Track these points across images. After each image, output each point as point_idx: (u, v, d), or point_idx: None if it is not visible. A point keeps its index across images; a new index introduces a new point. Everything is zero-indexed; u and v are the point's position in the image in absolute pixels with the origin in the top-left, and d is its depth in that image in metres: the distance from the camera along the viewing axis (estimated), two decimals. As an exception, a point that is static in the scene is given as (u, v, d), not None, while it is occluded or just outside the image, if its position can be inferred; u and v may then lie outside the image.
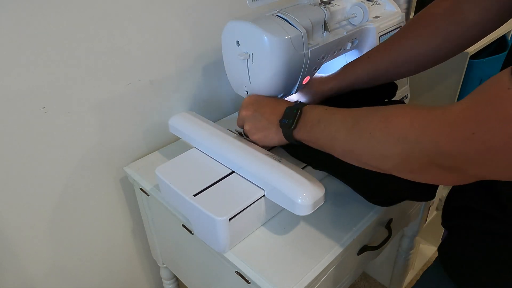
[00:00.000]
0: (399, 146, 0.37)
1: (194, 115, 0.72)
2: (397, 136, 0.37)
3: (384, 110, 0.41)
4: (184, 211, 0.60)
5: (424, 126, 0.35)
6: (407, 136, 0.36)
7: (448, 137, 0.33)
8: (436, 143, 0.34)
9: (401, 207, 0.74)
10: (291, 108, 0.54)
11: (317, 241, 0.58)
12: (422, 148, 0.35)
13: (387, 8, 0.78)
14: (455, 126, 0.32)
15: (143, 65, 0.74)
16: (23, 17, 0.57)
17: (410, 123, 0.36)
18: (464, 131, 0.31)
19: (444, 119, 0.34)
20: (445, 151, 0.33)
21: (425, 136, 0.35)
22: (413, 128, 0.36)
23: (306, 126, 0.51)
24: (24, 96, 0.61)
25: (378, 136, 0.40)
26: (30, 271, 0.75)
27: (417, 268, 1.35)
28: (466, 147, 0.32)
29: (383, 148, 0.39)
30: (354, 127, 0.44)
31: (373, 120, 0.41)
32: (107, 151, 0.76)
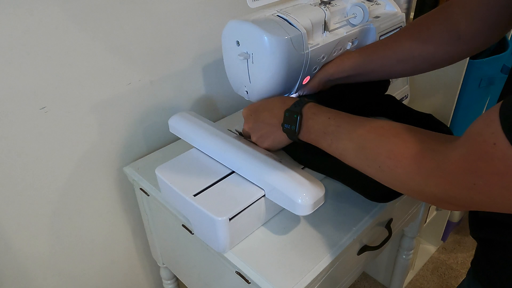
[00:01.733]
0: (408, 185, 0.40)
1: (194, 115, 0.72)
2: (405, 178, 0.40)
3: (392, 144, 0.42)
4: (184, 211, 0.60)
5: (430, 174, 0.37)
6: (416, 178, 0.39)
7: (453, 186, 0.35)
8: (442, 189, 0.36)
9: (401, 207, 0.74)
10: (291, 112, 0.53)
11: (317, 241, 0.58)
12: (431, 190, 0.38)
13: (387, 8, 0.78)
14: (457, 176, 0.34)
15: (143, 65, 0.74)
16: (23, 17, 0.57)
17: (417, 168, 0.38)
18: (466, 182, 0.34)
19: (445, 167, 0.35)
20: (452, 195, 0.36)
21: (431, 182, 0.37)
22: (419, 174, 0.38)
23: (310, 133, 0.52)
24: (24, 96, 0.61)
25: (387, 172, 0.42)
26: (30, 271, 0.74)
27: (417, 268, 1.35)
28: (471, 194, 0.34)
29: (393, 182, 0.42)
30: (362, 152, 0.45)
31: (381, 154, 0.42)
32: (107, 151, 0.76)
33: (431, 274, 1.34)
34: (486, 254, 0.49)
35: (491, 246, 0.48)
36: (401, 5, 1.03)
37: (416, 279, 1.32)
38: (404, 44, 0.60)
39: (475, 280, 0.51)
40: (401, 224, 0.81)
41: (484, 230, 0.49)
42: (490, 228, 0.48)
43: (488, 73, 0.98)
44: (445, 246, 1.43)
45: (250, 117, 0.60)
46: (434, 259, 1.39)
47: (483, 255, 0.50)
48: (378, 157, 0.43)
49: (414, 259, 1.32)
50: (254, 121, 0.59)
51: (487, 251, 0.49)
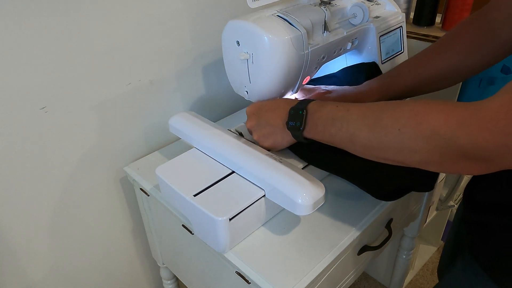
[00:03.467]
0: (432, 141, 0.38)
1: (194, 115, 0.72)
2: (430, 133, 0.38)
3: (414, 106, 0.40)
4: (184, 211, 0.60)
5: (461, 123, 0.36)
6: (441, 132, 0.37)
7: (489, 133, 0.34)
8: (474, 139, 0.35)
9: (401, 207, 0.74)
10: (295, 108, 0.53)
11: (317, 241, 0.58)
12: (457, 144, 0.36)
13: (387, 8, 0.78)
14: (496, 121, 0.33)
15: (143, 65, 0.74)
16: (23, 17, 0.57)
17: (444, 120, 0.37)
18: (506, 126, 0.33)
19: (482, 115, 0.34)
20: (482, 146, 0.34)
21: (462, 132, 0.35)
22: (448, 125, 0.36)
23: (317, 126, 0.51)
24: (24, 96, 0.61)
25: (408, 132, 0.40)
26: (30, 271, 0.74)
27: (417, 268, 1.35)
28: (509, 141, 0.33)
29: (414, 144, 0.40)
30: (378, 123, 0.43)
31: (402, 116, 0.41)
32: (107, 151, 0.76)
33: (431, 274, 1.34)
34: (485, 237, 0.50)
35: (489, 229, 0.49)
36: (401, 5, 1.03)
37: (416, 279, 1.32)
38: (451, 60, 0.60)
39: (472, 262, 0.51)
40: (401, 224, 0.81)
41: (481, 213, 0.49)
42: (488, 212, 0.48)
43: (488, 73, 0.98)
44: (445, 246, 1.43)
45: (254, 115, 0.60)
46: (434, 259, 1.39)
47: (480, 238, 0.50)
48: (397, 122, 0.41)
49: (414, 259, 1.32)
50: (257, 120, 0.59)
51: (485, 234, 0.50)
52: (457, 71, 0.61)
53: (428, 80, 0.62)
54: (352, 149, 0.48)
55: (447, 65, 0.60)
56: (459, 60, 0.59)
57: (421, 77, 0.63)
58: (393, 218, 0.71)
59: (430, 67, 0.62)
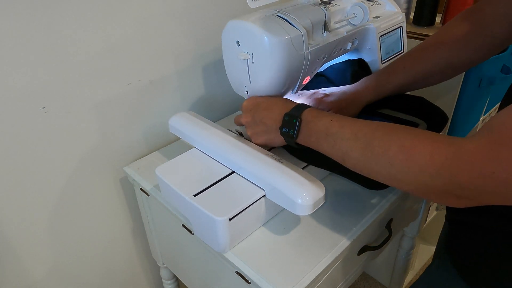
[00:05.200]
0: (419, 177, 0.39)
1: (194, 115, 0.72)
2: (418, 169, 0.39)
3: (403, 139, 0.41)
4: (184, 211, 0.60)
5: (444, 162, 0.37)
6: (428, 169, 0.38)
7: (468, 174, 0.35)
8: (455, 178, 0.36)
9: (401, 207, 0.74)
10: (290, 115, 0.53)
11: (317, 241, 0.58)
12: (442, 182, 0.37)
13: (387, 8, 0.78)
14: (474, 164, 0.34)
15: (143, 65, 0.74)
16: (23, 17, 0.57)
17: (430, 157, 0.38)
18: (483, 170, 0.34)
19: (462, 156, 0.36)
20: (464, 186, 0.36)
21: (445, 171, 0.37)
22: (433, 164, 0.38)
23: (310, 137, 0.51)
24: (24, 96, 0.61)
25: (397, 166, 0.41)
26: (30, 271, 0.74)
27: (417, 268, 1.35)
28: (485, 183, 0.34)
29: (402, 176, 0.41)
30: (368, 149, 0.44)
31: (391, 147, 0.42)
32: (107, 151, 0.76)
33: (431, 274, 1.34)
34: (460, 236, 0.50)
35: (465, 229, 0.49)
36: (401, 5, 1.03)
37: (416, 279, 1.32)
38: (444, 55, 0.60)
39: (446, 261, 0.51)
40: (401, 224, 0.81)
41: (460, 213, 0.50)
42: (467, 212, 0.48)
43: (488, 73, 0.97)
44: (445, 246, 1.43)
45: (249, 111, 0.60)
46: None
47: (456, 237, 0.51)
48: (387, 152, 0.42)
49: (414, 259, 1.32)
50: (252, 117, 0.59)
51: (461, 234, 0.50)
52: (451, 65, 0.61)
53: (422, 76, 0.63)
54: (344, 164, 0.49)
55: (441, 60, 0.61)
56: (452, 54, 0.60)
57: (415, 73, 0.63)
58: (393, 218, 0.71)
59: (424, 62, 0.62)
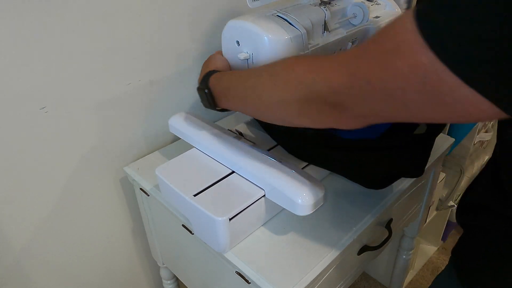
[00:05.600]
0: (298, 91, 0.40)
1: (194, 115, 0.72)
2: (296, 82, 0.40)
3: (287, 59, 0.44)
4: (184, 211, 0.60)
5: (319, 68, 0.38)
6: (304, 80, 0.39)
7: (340, 74, 0.35)
8: (328, 81, 0.37)
9: (401, 207, 0.74)
10: (201, 89, 0.55)
11: (317, 241, 0.58)
12: (317, 89, 0.38)
13: (387, 8, 0.78)
14: (346, 64, 0.35)
15: (143, 65, 0.74)
16: (23, 17, 0.57)
17: (307, 67, 0.40)
18: (356, 69, 0.34)
19: (337, 59, 0.37)
20: (336, 89, 0.36)
21: (319, 76, 0.38)
22: (309, 72, 0.39)
23: (224, 95, 0.53)
24: (24, 96, 0.61)
25: (280, 84, 0.43)
26: (30, 271, 0.74)
27: (417, 268, 1.35)
28: (354, 82, 0.34)
29: (285, 95, 0.42)
30: (258, 81, 0.46)
31: (276, 70, 0.44)
32: (107, 151, 0.76)
33: (431, 274, 1.34)
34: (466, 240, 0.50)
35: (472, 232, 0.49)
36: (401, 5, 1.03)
37: (416, 279, 1.32)
38: None
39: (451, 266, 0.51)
40: (401, 224, 0.81)
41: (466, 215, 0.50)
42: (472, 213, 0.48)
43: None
44: (445, 246, 1.43)
45: (203, 65, 0.65)
46: (434, 259, 1.39)
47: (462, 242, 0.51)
48: (275, 74, 0.44)
49: (414, 259, 1.32)
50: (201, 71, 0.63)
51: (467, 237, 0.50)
52: None
53: None
54: (246, 111, 0.51)
55: None
56: None
57: None
58: (393, 218, 0.71)
59: None
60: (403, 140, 0.56)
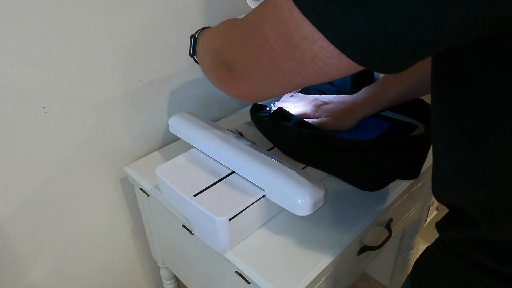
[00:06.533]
0: (210, 55, 0.46)
1: (194, 115, 0.72)
2: (210, 48, 0.46)
3: (212, 28, 0.51)
4: (184, 211, 0.60)
5: (223, 34, 0.44)
6: (215, 47, 0.45)
7: (224, 36, 0.42)
8: (221, 42, 0.43)
9: (401, 207, 0.74)
10: (192, 36, 0.58)
11: (317, 241, 0.58)
12: (217, 52, 0.43)
13: (387, 8, 0.78)
14: (224, 27, 0.44)
15: (143, 65, 0.74)
16: (24, 17, 0.57)
17: (219, 35, 0.45)
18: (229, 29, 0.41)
19: (232, 23, 0.41)
20: (219, 47, 0.43)
21: (219, 41, 0.44)
22: (219, 38, 0.44)
23: (198, 52, 0.56)
24: (24, 96, 0.61)
25: (201, 52, 0.51)
26: (30, 271, 0.74)
27: (417, 268, 1.35)
28: (229, 40, 0.40)
29: (205, 61, 0.49)
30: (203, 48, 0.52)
31: (206, 39, 0.51)
32: (107, 151, 0.76)
33: (431, 274, 1.34)
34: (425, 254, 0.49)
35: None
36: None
37: (416, 279, 1.32)
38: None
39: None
40: (401, 224, 0.81)
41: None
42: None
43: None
44: (445, 246, 1.43)
45: None
46: (434, 259, 1.39)
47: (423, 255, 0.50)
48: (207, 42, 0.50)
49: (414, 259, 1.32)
50: None
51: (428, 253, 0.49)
52: None
53: (419, 84, 0.62)
54: (201, 64, 0.54)
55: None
56: None
57: (411, 82, 0.62)
58: (393, 218, 0.71)
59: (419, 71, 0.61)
60: (399, 142, 0.55)
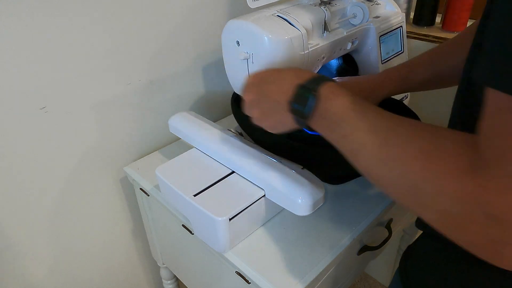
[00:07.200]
0: (438, 199, 0.30)
1: (194, 115, 0.72)
2: (466, 196, 0.28)
3: (424, 142, 0.32)
4: (184, 211, 0.60)
5: (498, 187, 0.27)
6: (479, 199, 0.28)
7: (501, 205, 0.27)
8: (485, 209, 0.27)
9: (401, 207, 0.74)
10: (304, 88, 0.41)
11: (317, 241, 0.58)
12: (468, 210, 0.28)
13: (387, 8, 0.78)
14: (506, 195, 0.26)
15: (143, 65, 0.74)
16: (24, 17, 0.57)
17: (482, 181, 0.28)
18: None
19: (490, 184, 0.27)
20: (499, 218, 0.27)
21: (469, 197, 0.28)
22: (486, 191, 0.28)
23: (324, 118, 0.40)
24: (24, 96, 0.61)
25: (412, 178, 0.31)
26: (30, 271, 0.74)
27: (417, 268, 1.35)
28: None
29: (417, 195, 0.32)
30: (384, 147, 0.34)
31: (409, 152, 0.32)
32: (107, 151, 0.76)
33: (431, 274, 1.34)
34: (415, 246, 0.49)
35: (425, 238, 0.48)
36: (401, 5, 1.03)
37: (416, 279, 1.32)
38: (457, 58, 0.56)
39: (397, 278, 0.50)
40: (401, 224, 0.81)
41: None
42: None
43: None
44: (445, 246, 1.43)
45: (254, 87, 0.48)
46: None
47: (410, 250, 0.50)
48: (405, 157, 0.32)
49: (414, 259, 1.32)
50: (257, 92, 0.47)
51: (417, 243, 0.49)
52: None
53: (445, 74, 0.59)
54: (354, 163, 0.38)
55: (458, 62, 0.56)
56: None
57: (438, 70, 0.60)
58: (393, 218, 0.71)
59: (448, 59, 0.58)
60: None
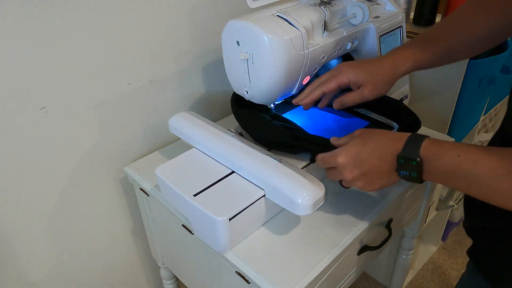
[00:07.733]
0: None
1: (194, 115, 0.72)
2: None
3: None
4: (184, 211, 0.60)
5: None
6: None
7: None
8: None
9: (401, 207, 0.74)
10: (406, 158, 0.47)
11: (317, 241, 0.58)
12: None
13: (387, 8, 0.78)
14: None
15: (143, 65, 0.74)
16: (24, 17, 0.57)
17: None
18: None
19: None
20: None
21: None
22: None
23: (435, 175, 0.47)
24: (24, 96, 0.61)
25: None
26: (30, 271, 0.74)
27: (417, 268, 1.35)
28: None
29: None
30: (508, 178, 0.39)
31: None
32: (107, 151, 0.76)
33: (431, 274, 1.34)
34: (482, 243, 0.50)
35: (486, 234, 0.49)
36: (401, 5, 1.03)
37: (416, 279, 1.32)
38: (486, 22, 0.56)
39: (474, 269, 0.51)
40: (401, 224, 0.81)
41: (479, 218, 0.49)
42: (484, 216, 0.48)
43: (488, 73, 0.97)
44: (445, 246, 1.43)
45: (353, 167, 0.52)
46: (434, 259, 1.39)
47: (478, 244, 0.51)
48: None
49: (414, 259, 1.32)
50: (359, 170, 0.52)
51: (482, 240, 0.50)
52: (491, 34, 0.57)
53: (462, 45, 0.59)
54: (489, 202, 0.43)
55: (483, 27, 0.56)
56: (495, 20, 0.55)
57: (455, 42, 0.59)
58: (393, 218, 0.71)
59: (464, 30, 0.58)
60: None
